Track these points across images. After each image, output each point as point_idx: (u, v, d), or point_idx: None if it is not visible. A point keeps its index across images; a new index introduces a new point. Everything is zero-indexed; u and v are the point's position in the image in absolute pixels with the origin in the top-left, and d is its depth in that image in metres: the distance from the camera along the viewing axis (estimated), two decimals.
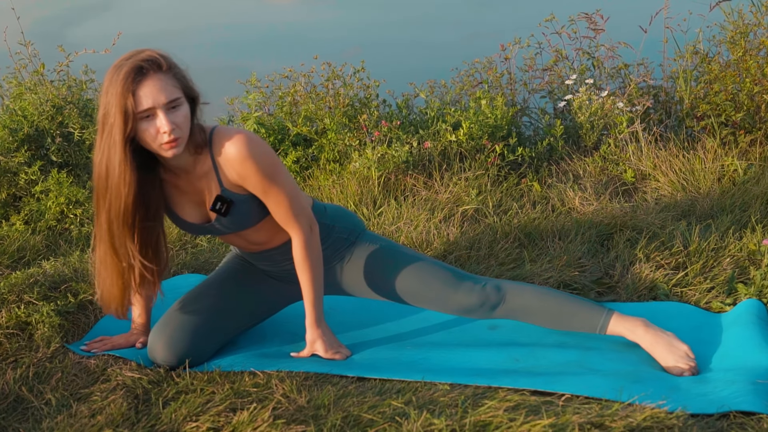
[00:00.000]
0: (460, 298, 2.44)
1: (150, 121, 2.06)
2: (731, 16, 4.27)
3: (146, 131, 2.06)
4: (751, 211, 3.20)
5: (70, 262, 3.04)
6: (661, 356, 2.28)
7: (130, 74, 2.02)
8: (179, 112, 2.08)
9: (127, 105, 2.02)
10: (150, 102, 2.03)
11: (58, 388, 2.27)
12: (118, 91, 2.02)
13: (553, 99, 4.28)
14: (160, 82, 2.05)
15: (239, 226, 2.32)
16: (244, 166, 2.19)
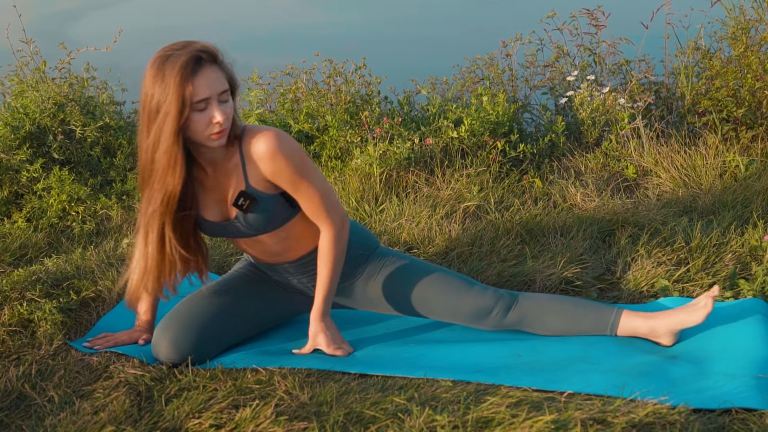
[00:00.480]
0: (475, 300, 2.45)
1: (203, 112, 2.09)
2: (732, 11, 4.27)
3: (198, 121, 2.09)
4: (753, 207, 3.20)
5: (72, 259, 3.05)
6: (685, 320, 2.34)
7: (189, 64, 2.05)
8: (228, 104, 2.13)
9: (185, 94, 2.04)
10: (207, 92, 2.07)
11: (61, 385, 2.27)
12: (176, 80, 2.04)
13: (554, 95, 4.28)
14: (215, 72, 2.09)
15: (259, 227, 2.31)
16: (275, 161, 2.20)
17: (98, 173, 3.97)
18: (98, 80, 4.33)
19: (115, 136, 4.05)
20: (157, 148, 2.10)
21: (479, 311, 2.46)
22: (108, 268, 2.97)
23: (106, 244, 3.27)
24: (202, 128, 2.10)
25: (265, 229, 2.32)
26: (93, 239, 3.45)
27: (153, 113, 2.08)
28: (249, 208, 2.26)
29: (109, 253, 3.11)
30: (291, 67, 4.42)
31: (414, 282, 2.48)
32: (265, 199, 2.27)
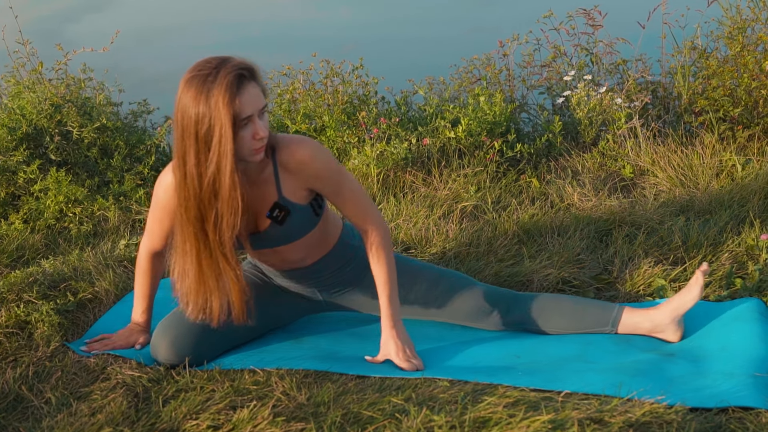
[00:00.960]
0: (476, 300, 2.47)
1: (246, 128, 2.05)
2: (729, 11, 4.27)
3: (243, 138, 2.05)
4: (749, 206, 3.20)
5: (69, 260, 3.05)
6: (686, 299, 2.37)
7: (234, 82, 2.00)
8: (265, 117, 2.10)
9: (235, 112, 2.00)
10: (251, 109, 2.04)
11: (58, 386, 2.27)
12: (225, 100, 1.98)
13: (551, 95, 4.28)
14: (255, 88, 2.06)
15: (289, 236, 2.30)
16: (318, 164, 2.20)
17: (95, 174, 3.97)
18: (95, 81, 4.32)
19: (112, 137, 4.05)
20: (218, 172, 2.04)
21: (480, 311, 2.47)
22: (105, 269, 2.96)
23: (103, 245, 3.27)
24: (246, 144, 2.07)
25: (292, 239, 2.31)
26: (90, 240, 3.45)
27: (204, 135, 2.01)
28: (283, 219, 2.25)
29: (107, 255, 3.11)
30: (288, 67, 4.42)
31: (416, 284, 2.49)
32: (298, 209, 2.26)
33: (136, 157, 4.10)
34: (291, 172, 2.22)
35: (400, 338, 2.34)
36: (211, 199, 2.09)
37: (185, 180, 2.09)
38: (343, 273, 2.50)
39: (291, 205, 2.25)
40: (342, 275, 2.50)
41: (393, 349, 2.33)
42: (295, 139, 2.22)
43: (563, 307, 2.47)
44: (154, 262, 2.47)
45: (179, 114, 2.03)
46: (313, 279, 2.48)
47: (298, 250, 2.37)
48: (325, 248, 2.43)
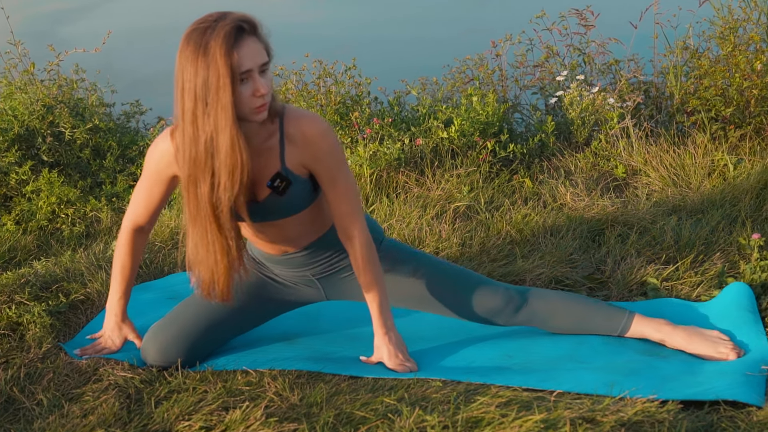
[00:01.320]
0: (485, 300, 2.42)
1: (245, 84, 1.99)
2: (721, 11, 4.28)
3: (243, 94, 1.98)
4: (741, 206, 3.21)
5: (61, 262, 3.04)
6: (701, 348, 2.31)
7: (231, 33, 1.94)
8: (268, 76, 2.03)
9: (233, 64, 1.94)
10: (250, 63, 1.97)
11: (50, 388, 2.26)
12: (223, 51, 1.92)
13: (544, 95, 4.29)
14: (256, 43, 2.00)
15: (288, 208, 2.23)
16: (323, 145, 2.15)
17: (88, 175, 3.96)
18: (87, 82, 4.32)
19: (105, 138, 4.04)
20: (216, 129, 1.97)
21: (489, 311, 2.43)
22: (97, 270, 2.96)
23: (95, 246, 3.27)
24: (245, 102, 2.00)
25: (290, 212, 2.24)
26: (83, 241, 3.44)
27: (202, 91, 1.95)
28: (284, 190, 2.17)
29: (99, 256, 3.10)
30: (281, 68, 4.42)
31: (423, 276, 2.44)
32: (299, 182, 2.19)
33: (128, 158, 4.09)
34: (296, 145, 2.15)
35: (392, 343, 2.33)
36: (207, 160, 2.02)
37: (183, 140, 2.03)
38: (340, 260, 2.45)
39: (292, 176, 2.18)
40: (339, 262, 2.46)
41: (386, 354, 2.32)
42: (307, 113, 2.17)
43: (571, 312, 2.43)
44: (136, 239, 2.39)
45: (178, 70, 1.98)
46: (307, 265, 2.43)
47: (294, 226, 2.30)
48: (320, 229, 2.37)
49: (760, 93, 3.77)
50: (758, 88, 3.76)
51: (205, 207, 2.08)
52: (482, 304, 2.43)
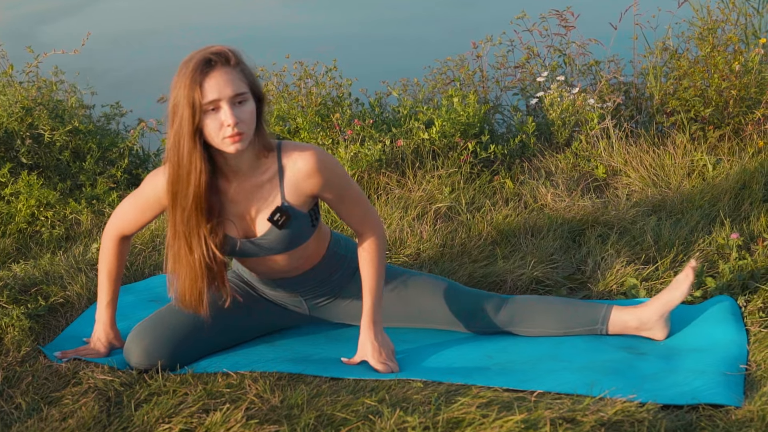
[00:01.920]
0: (464, 301, 2.47)
1: (215, 114, 2.05)
2: (700, 12, 4.31)
3: (210, 125, 2.06)
4: (720, 206, 3.23)
5: (40, 264, 3.02)
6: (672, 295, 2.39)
7: (198, 66, 2.03)
8: (245, 108, 2.08)
9: (194, 97, 2.02)
10: (216, 94, 2.03)
11: (29, 392, 2.25)
12: (187, 83, 2.02)
13: (525, 96, 4.30)
14: (227, 75, 2.05)
15: (285, 244, 2.29)
16: (322, 177, 2.21)
17: (67, 177, 3.94)
18: (67, 84, 4.29)
19: (85, 140, 4.02)
20: (178, 150, 2.08)
21: (471, 309, 2.46)
22: (77, 273, 2.94)
23: (75, 249, 3.25)
24: (215, 132, 2.06)
25: (287, 248, 2.30)
26: (62, 244, 3.42)
27: (172, 115, 2.07)
28: (284, 224, 2.23)
29: (79, 258, 3.08)
30: (261, 69, 4.40)
31: (401, 291, 2.49)
32: (299, 216, 2.25)
33: (108, 160, 4.07)
34: (296, 179, 2.21)
35: (378, 340, 2.34)
36: (177, 178, 2.12)
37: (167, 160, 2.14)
38: (330, 281, 2.49)
39: (292, 211, 2.24)
40: (329, 284, 2.50)
41: (370, 350, 2.33)
42: (304, 146, 2.23)
43: (552, 309, 2.47)
44: (122, 245, 2.43)
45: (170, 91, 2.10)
46: (299, 289, 2.48)
47: (292, 260, 2.36)
48: (314, 259, 2.43)
49: (738, 93, 3.80)
50: (737, 89, 3.79)
51: (180, 228, 2.17)
52: (463, 305, 2.46)
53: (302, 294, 2.50)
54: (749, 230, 3.04)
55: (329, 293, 2.52)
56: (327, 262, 2.46)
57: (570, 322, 2.45)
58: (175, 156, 2.10)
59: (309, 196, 2.25)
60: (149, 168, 4.18)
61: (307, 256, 2.39)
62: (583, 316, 2.45)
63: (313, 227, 2.32)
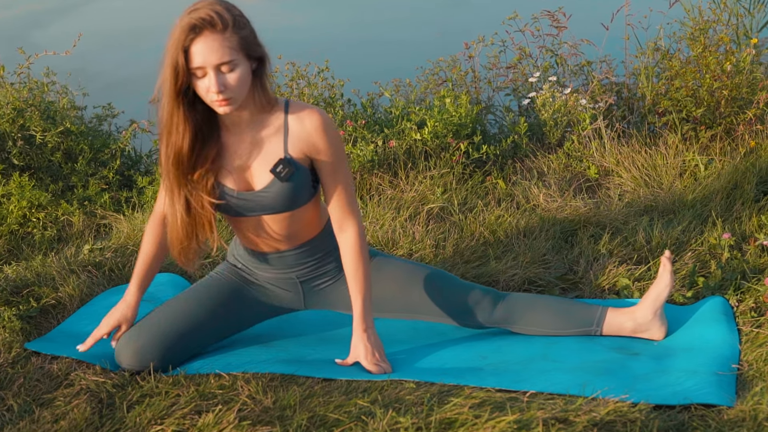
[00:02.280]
0: (462, 294, 2.45)
1: (202, 78, 2.08)
2: (691, 12, 4.32)
3: (198, 87, 2.09)
4: (712, 206, 3.24)
5: (32, 266, 3.02)
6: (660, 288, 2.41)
7: (184, 30, 2.04)
8: (233, 74, 2.08)
9: (177, 61, 2.04)
10: (200, 61, 2.05)
11: (20, 393, 2.24)
12: (172, 45, 2.05)
13: (517, 96, 4.30)
14: (215, 42, 2.05)
15: (285, 202, 2.26)
16: (326, 136, 2.22)
17: (59, 179, 3.93)
18: (58, 85, 4.28)
19: (76, 141, 4.01)
20: (164, 109, 2.12)
21: (468, 302, 2.44)
22: (69, 274, 2.94)
23: (67, 250, 3.24)
24: (203, 93, 2.10)
25: (288, 206, 2.28)
26: (54, 245, 3.41)
27: (160, 68, 2.09)
28: (287, 176, 2.22)
29: (71, 260, 3.08)
30: None
31: (400, 280, 2.46)
32: (301, 171, 2.24)
33: (100, 161, 4.06)
34: (300, 135, 2.22)
35: (371, 341, 2.33)
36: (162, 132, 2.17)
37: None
38: (326, 264, 2.47)
39: (295, 164, 2.23)
40: (324, 266, 2.47)
41: (362, 351, 2.32)
42: (308, 107, 2.24)
43: (549, 306, 2.47)
44: (160, 225, 2.41)
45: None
46: (295, 266, 2.44)
47: (290, 224, 2.33)
48: (311, 232, 2.39)
49: (730, 94, 3.81)
50: (728, 89, 3.80)
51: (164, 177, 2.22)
52: (460, 299, 2.44)
53: (298, 275, 2.46)
54: (741, 230, 3.05)
55: (326, 275, 2.48)
56: (323, 241, 2.43)
57: (566, 322, 2.45)
58: (160, 112, 2.14)
59: (308, 156, 2.25)
60: (141, 169, 4.17)
61: (305, 224, 2.36)
62: (578, 317, 2.45)
63: (314, 189, 2.31)
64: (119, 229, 3.43)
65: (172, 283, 2.92)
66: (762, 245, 2.85)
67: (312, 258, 2.45)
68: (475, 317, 2.45)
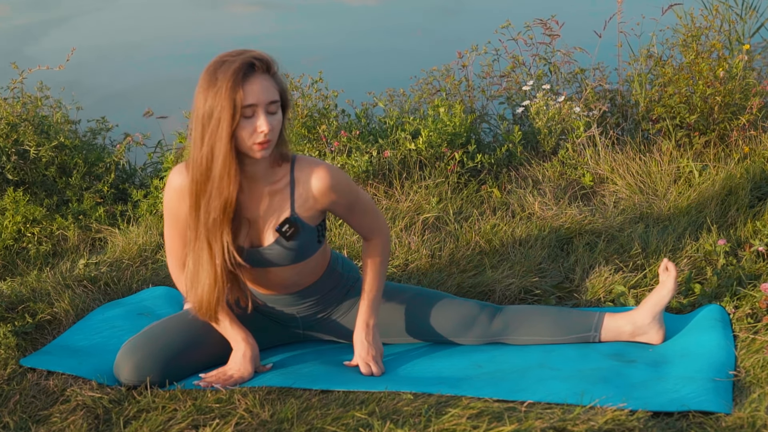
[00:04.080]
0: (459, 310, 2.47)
1: (249, 119, 2.07)
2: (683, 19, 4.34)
3: (244, 128, 2.08)
4: (707, 212, 3.24)
5: (27, 281, 3.00)
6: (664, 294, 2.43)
7: (242, 69, 2.04)
8: (276, 116, 2.11)
9: (236, 98, 2.03)
10: (255, 98, 2.06)
11: (16, 411, 2.23)
12: (228, 85, 2.03)
13: (511, 105, 4.31)
14: (266, 81, 2.08)
15: (289, 258, 2.29)
16: (337, 192, 2.25)
17: (54, 193, 3.92)
18: (52, 99, 4.27)
19: (71, 156, 4.00)
20: (212, 155, 2.08)
21: (465, 319, 2.45)
22: (64, 289, 2.93)
23: (62, 265, 3.23)
24: (246, 136, 2.08)
25: (292, 261, 2.30)
26: (49, 260, 3.40)
27: (206, 119, 2.07)
28: (292, 235, 2.25)
29: (66, 275, 3.07)
30: None
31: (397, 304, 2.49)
32: (306, 230, 2.27)
33: (95, 175, 4.05)
34: (308, 194, 2.24)
35: (368, 339, 2.38)
36: (205, 182, 2.12)
37: (191, 165, 2.13)
38: (328, 298, 2.50)
39: (301, 223, 2.25)
40: (326, 301, 2.50)
41: (359, 348, 2.38)
42: (317, 161, 2.26)
43: (546, 315, 2.48)
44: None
45: (194, 101, 2.09)
46: (297, 305, 2.47)
47: (294, 275, 2.36)
48: (316, 275, 2.43)
49: (723, 100, 3.82)
50: (721, 95, 3.81)
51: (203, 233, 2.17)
52: (458, 314, 2.46)
53: (298, 311, 2.49)
54: (736, 236, 3.05)
55: (325, 309, 2.52)
56: (326, 279, 2.47)
57: (563, 330, 2.46)
58: (205, 160, 2.10)
59: (319, 211, 2.28)
60: (136, 182, 4.17)
61: (309, 273, 2.40)
62: (576, 324, 2.45)
63: (319, 243, 2.34)
64: (114, 243, 3.42)
65: (167, 297, 2.92)
66: (757, 251, 2.85)
67: (314, 297, 2.48)
68: (473, 333, 2.47)
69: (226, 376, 2.32)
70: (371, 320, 2.40)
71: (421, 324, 2.48)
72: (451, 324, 2.47)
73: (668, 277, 2.41)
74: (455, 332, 2.47)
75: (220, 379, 2.30)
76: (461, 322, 2.46)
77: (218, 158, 2.08)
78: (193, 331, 2.40)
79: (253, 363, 2.36)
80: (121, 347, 2.36)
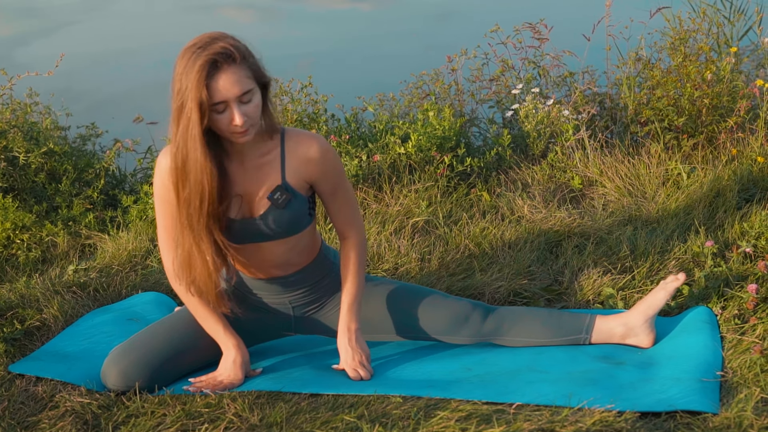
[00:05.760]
0: (452, 308, 2.46)
1: (222, 114, 2.07)
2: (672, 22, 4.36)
3: (219, 121, 2.08)
4: (695, 214, 3.25)
5: (16, 288, 3.00)
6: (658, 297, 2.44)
7: (205, 67, 2.02)
8: (251, 103, 2.10)
9: (202, 98, 2.02)
10: (222, 96, 2.05)
11: (5, 417, 2.23)
12: (193, 84, 2.02)
13: (500, 109, 4.32)
14: (234, 75, 2.06)
15: (282, 228, 2.28)
16: (326, 163, 2.26)
17: (43, 200, 3.92)
18: (41, 105, 4.27)
19: (60, 162, 4.00)
20: (186, 152, 2.09)
21: (457, 318, 2.44)
22: (54, 296, 2.92)
23: (51, 271, 3.23)
24: (224, 126, 2.09)
25: (286, 232, 2.29)
26: (39, 267, 3.40)
27: (179, 111, 2.06)
28: (284, 203, 2.24)
29: (55, 281, 3.06)
30: None
31: (389, 302, 2.48)
32: (298, 198, 2.27)
33: (85, 181, 4.05)
34: (298, 163, 2.25)
35: (351, 344, 2.37)
36: (184, 179, 2.13)
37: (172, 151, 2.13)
38: (319, 288, 2.48)
39: (292, 191, 2.26)
40: (318, 290, 2.48)
41: (343, 353, 2.36)
42: (307, 134, 2.27)
43: (538, 316, 2.48)
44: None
45: (172, 81, 2.07)
46: (289, 291, 2.45)
47: (286, 251, 2.35)
48: (307, 257, 2.42)
49: (711, 102, 3.84)
50: (709, 98, 3.83)
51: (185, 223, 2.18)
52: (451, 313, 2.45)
53: (291, 300, 2.47)
54: (724, 238, 3.06)
55: (317, 300, 2.50)
56: (318, 265, 2.46)
57: (555, 331, 2.46)
58: (180, 156, 2.10)
59: (307, 182, 2.28)
60: (126, 188, 4.17)
61: (300, 250, 2.38)
62: (567, 326, 2.46)
63: (310, 216, 2.33)
64: (104, 248, 3.42)
65: (156, 302, 2.91)
66: (744, 252, 2.86)
67: (306, 284, 2.46)
68: (465, 332, 2.46)
69: (216, 381, 2.32)
70: (353, 324, 2.38)
71: (412, 321, 2.47)
72: (444, 321, 2.45)
73: (672, 282, 2.41)
74: (448, 330, 2.46)
75: (210, 384, 2.31)
76: (454, 320, 2.45)
77: (193, 158, 2.08)
78: (181, 336, 2.39)
79: (244, 369, 2.36)
80: (109, 354, 2.36)
